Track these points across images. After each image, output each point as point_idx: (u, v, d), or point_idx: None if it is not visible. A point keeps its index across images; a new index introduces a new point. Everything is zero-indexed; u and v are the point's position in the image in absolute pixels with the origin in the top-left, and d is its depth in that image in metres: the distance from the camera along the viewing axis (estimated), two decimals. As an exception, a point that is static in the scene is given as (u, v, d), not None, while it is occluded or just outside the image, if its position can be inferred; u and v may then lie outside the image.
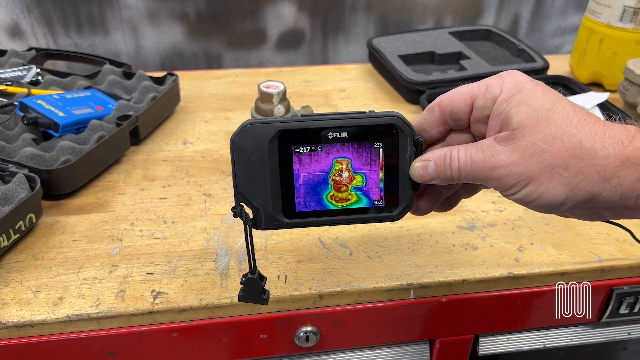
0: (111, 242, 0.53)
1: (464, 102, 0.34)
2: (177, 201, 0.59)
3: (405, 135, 0.36)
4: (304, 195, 0.36)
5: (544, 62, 0.83)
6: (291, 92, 0.84)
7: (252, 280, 0.39)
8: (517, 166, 0.31)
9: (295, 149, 0.35)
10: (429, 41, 0.89)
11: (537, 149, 0.31)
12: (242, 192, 0.36)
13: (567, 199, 0.31)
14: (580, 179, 0.31)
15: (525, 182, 0.32)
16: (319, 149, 0.35)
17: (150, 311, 0.45)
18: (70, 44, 0.95)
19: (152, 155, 0.67)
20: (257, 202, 0.36)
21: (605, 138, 0.30)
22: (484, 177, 0.33)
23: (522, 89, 0.32)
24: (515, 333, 0.57)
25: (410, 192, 0.37)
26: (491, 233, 0.55)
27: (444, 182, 0.35)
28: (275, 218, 0.36)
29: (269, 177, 0.35)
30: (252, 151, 0.35)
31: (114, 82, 0.75)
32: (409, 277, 0.49)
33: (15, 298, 0.46)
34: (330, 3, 0.98)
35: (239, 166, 0.35)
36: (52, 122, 0.62)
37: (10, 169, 0.54)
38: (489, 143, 0.33)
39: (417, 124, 0.37)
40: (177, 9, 0.95)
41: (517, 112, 0.32)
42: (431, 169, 0.35)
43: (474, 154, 0.33)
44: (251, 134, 0.35)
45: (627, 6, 0.77)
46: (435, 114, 0.36)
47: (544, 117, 0.31)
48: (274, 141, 0.35)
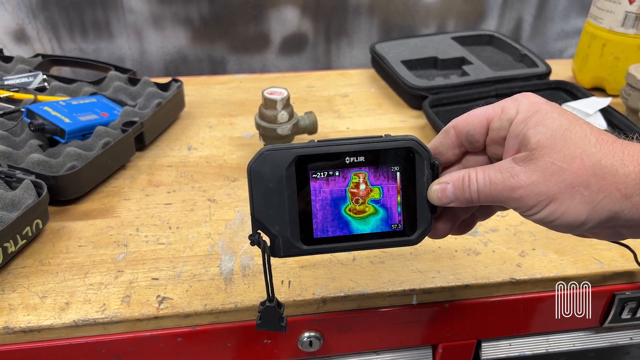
0: (117, 247, 0.53)
1: (479, 124, 0.35)
2: (181, 207, 0.59)
3: (422, 158, 0.36)
4: (322, 220, 0.36)
5: (547, 67, 0.83)
6: (295, 98, 0.85)
7: (270, 309, 0.39)
8: (538, 186, 0.31)
9: (313, 174, 0.35)
10: (431, 46, 0.90)
11: (557, 169, 0.31)
12: (260, 219, 0.36)
13: (588, 218, 0.31)
14: (602, 197, 0.30)
15: (546, 202, 0.31)
16: (336, 174, 0.36)
17: (156, 316, 0.46)
18: (75, 48, 0.96)
19: (157, 160, 0.68)
20: (275, 229, 0.36)
21: (624, 156, 0.31)
22: (503, 198, 0.33)
23: (538, 110, 0.32)
24: (518, 338, 0.57)
25: (429, 215, 0.37)
26: (493, 238, 0.55)
27: (462, 205, 0.35)
28: (294, 245, 0.36)
29: (287, 203, 0.35)
30: (270, 177, 0.35)
31: (119, 88, 0.76)
32: (411, 283, 0.49)
33: (23, 303, 0.46)
34: (333, 7, 0.99)
35: (257, 193, 0.35)
36: (58, 129, 0.62)
37: (18, 175, 0.55)
38: (508, 164, 0.33)
39: (433, 147, 0.37)
40: (181, 14, 0.95)
41: (535, 133, 0.32)
42: (449, 192, 0.35)
43: (493, 175, 0.33)
44: (269, 160, 0.35)
45: (629, 12, 0.77)
46: (451, 137, 0.36)
47: (562, 136, 0.31)
48: (291, 167, 0.35)
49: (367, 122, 0.78)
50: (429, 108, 0.73)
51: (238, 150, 0.70)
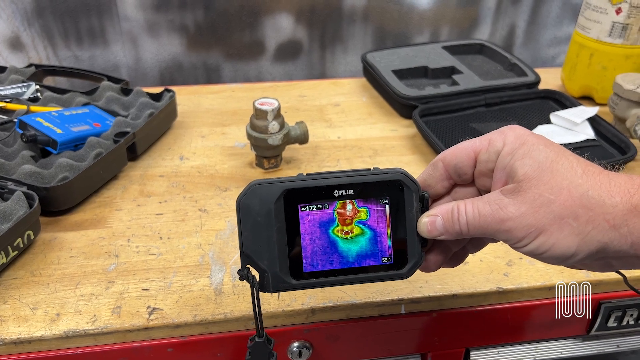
0: (108, 258, 0.54)
1: (467, 156, 0.35)
2: (173, 217, 0.60)
3: (410, 191, 0.36)
4: (311, 254, 0.36)
5: (536, 76, 0.84)
6: (287, 107, 0.85)
7: (259, 345, 0.38)
8: (526, 218, 0.31)
9: (302, 207, 0.36)
10: (422, 56, 0.91)
11: (545, 200, 0.31)
12: (249, 254, 0.36)
13: (578, 250, 0.31)
14: (590, 228, 0.31)
15: (535, 234, 0.31)
16: (325, 207, 0.36)
17: (146, 327, 0.46)
18: (71, 56, 0.96)
19: (148, 170, 0.69)
20: (264, 264, 0.36)
21: (611, 187, 0.31)
22: (493, 230, 0.33)
23: (524, 142, 0.33)
24: (506, 346, 0.58)
25: (419, 248, 0.37)
26: (481, 248, 0.56)
27: (452, 237, 0.35)
28: (283, 280, 0.36)
29: (276, 237, 0.35)
30: (259, 211, 0.35)
31: (112, 99, 0.77)
32: (399, 292, 0.50)
33: (14, 315, 0.47)
34: (328, 14, 1.00)
35: (245, 227, 0.35)
36: (50, 140, 0.63)
37: (9, 186, 0.55)
38: (496, 196, 0.33)
39: (422, 180, 0.37)
40: (176, 21, 0.96)
41: (521, 165, 0.32)
42: (439, 224, 0.35)
43: (482, 208, 0.33)
44: (257, 193, 0.35)
45: (616, 22, 0.78)
46: (439, 170, 0.37)
47: (549, 168, 0.31)
48: (280, 200, 0.35)
49: (358, 131, 0.79)
50: (418, 117, 0.74)
51: (230, 160, 0.71)
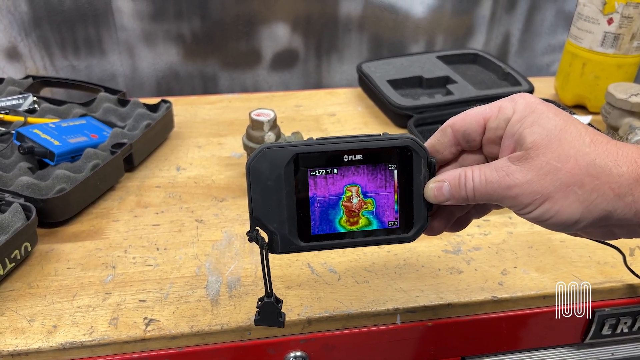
0: (105, 269, 0.54)
1: (476, 123, 0.35)
2: (169, 228, 0.60)
3: (419, 157, 0.36)
4: (319, 218, 0.37)
5: (529, 86, 0.85)
6: (283, 117, 0.86)
7: (268, 304, 0.39)
8: (533, 185, 0.32)
9: (311, 172, 0.36)
10: (417, 65, 0.91)
11: (552, 168, 0.32)
12: (258, 216, 0.36)
13: (582, 217, 0.32)
14: (595, 196, 0.31)
15: (540, 201, 0.32)
16: (334, 172, 0.36)
17: (143, 338, 0.47)
18: (67, 65, 0.97)
19: (145, 181, 0.69)
20: (273, 226, 0.36)
21: (618, 156, 0.31)
22: (499, 197, 0.34)
23: (534, 110, 0.33)
24: (501, 355, 0.58)
25: (425, 213, 0.38)
26: (476, 257, 0.56)
27: (458, 203, 0.36)
28: (291, 242, 0.37)
29: (285, 201, 0.36)
30: (268, 175, 0.35)
31: (108, 110, 0.77)
32: (395, 302, 0.50)
33: (11, 327, 0.47)
34: (324, 23, 1.01)
35: (255, 190, 0.36)
36: (47, 151, 0.63)
37: (7, 198, 0.55)
38: (504, 163, 0.34)
39: (430, 146, 0.38)
40: (172, 31, 0.97)
41: (530, 133, 0.32)
42: (446, 190, 0.36)
43: (489, 174, 0.34)
44: (268, 157, 0.35)
45: (608, 32, 0.79)
46: (448, 136, 0.37)
47: (557, 137, 0.32)
48: (290, 165, 0.35)
49: (354, 140, 0.79)
50: (413, 127, 0.75)
51: (226, 170, 0.71)
